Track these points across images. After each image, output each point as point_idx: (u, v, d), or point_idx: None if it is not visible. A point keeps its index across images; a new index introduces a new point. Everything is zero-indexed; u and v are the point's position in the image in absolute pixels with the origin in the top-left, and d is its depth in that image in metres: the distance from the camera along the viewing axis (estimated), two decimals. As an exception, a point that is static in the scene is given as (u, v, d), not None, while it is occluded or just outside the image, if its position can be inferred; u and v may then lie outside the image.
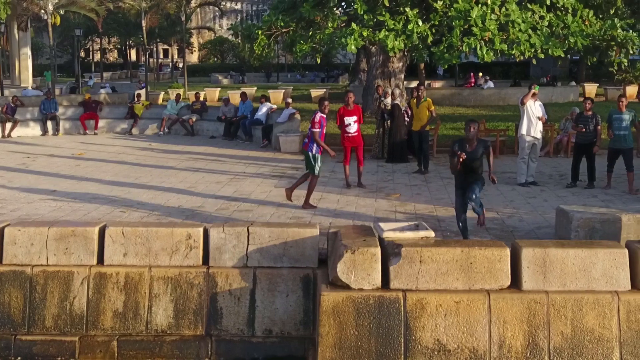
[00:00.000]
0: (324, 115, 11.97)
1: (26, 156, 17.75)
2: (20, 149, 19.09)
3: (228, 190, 13.26)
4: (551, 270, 7.90)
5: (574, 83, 33.80)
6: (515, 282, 7.96)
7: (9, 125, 21.61)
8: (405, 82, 25.85)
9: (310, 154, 11.77)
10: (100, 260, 8.80)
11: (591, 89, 34.02)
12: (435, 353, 7.73)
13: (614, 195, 12.63)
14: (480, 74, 37.06)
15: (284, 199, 12.41)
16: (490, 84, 31.71)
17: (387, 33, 15.33)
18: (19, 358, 8.52)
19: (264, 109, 20.69)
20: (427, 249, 7.99)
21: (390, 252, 8.06)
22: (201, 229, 8.88)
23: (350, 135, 13.58)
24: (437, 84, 36.83)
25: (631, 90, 31.56)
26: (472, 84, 34.84)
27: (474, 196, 9.72)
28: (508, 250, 8.01)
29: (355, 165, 13.78)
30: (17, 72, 37.51)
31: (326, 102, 12.13)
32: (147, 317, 8.62)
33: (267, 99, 21.95)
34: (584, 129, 13.42)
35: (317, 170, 11.86)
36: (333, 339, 7.73)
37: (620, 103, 13.21)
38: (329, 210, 11.69)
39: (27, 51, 37.75)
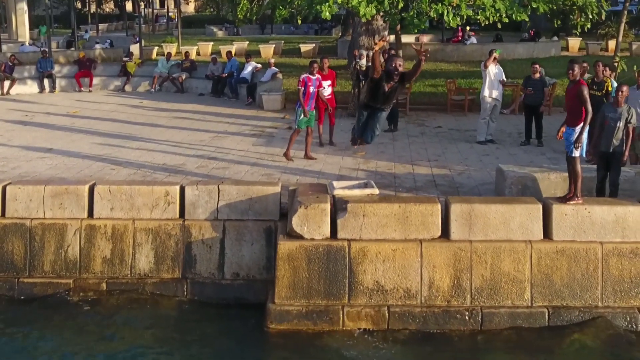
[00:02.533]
0: (310, 76, 13.28)
1: (24, 114, 18.91)
2: (19, 107, 20.23)
3: (209, 148, 14.50)
4: (475, 223, 9.22)
5: (556, 38, 34.56)
6: (445, 232, 9.29)
7: (7, 83, 22.70)
8: (390, 38, 26.75)
9: (296, 108, 13.31)
10: (90, 214, 10.13)
11: (574, 43, 34.79)
12: (375, 293, 9.12)
13: (561, 153, 13.86)
14: (468, 28, 37.70)
15: (259, 157, 13.73)
16: (473, 39, 32.52)
17: (359, 0, 16.34)
18: (22, 297, 9.94)
19: (249, 68, 21.77)
20: (370, 204, 9.31)
21: (338, 207, 9.38)
22: (178, 187, 10.19)
23: (325, 97, 14.78)
24: (425, 39, 37.52)
25: (613, 44, 32.36)
26: (459, 39, 35.58)
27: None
28: (439, 206, 9.33)
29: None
30: (14, 27, 38.26)
31: (315, 65, 13.54)
32: (132, 262, 10.00)
33: (253, 56, 22.95)
34: (532, 91, 14.60)
35: (297, 124, 13.30)
36: (288, 281, 9.11)
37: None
38: (298, 168, 12.96)
39: (23, 6, 38.38)
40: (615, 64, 18.73)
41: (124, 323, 9.53)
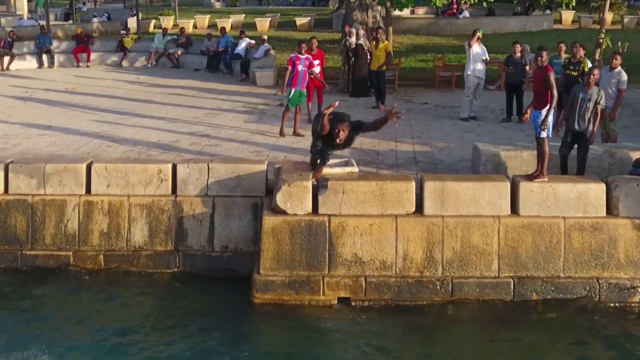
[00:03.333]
0: (299, 55, 13.87)
1: (24, 91, 19.46)
2: (19, 83, 20.76)
3: (202, 126, 15.10)
4: (447, 199, 9.88)
5: (549, 11, 34.85)
6: (419, 208, 9.95)
7: (7, 59, 23.19)
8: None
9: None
10: (88, 190, 10.80)
11: (567, 16, 35.11)
12: (353, 264, 9.81)
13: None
14: (463, 1, 37.92)
15: (250, 134, 14.35)
16: (466, 13, 32.86)
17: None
18: (25, 268, 10.65)
19: (243, 44, 22.25)
20: (349, 182, 9.96)
21: (319, 184, 10.03)
22: (170, 165, 10.84)
23: (313, 76, 15.32)
24: (420, 11, 37.81)
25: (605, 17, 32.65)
26: (453, 12, 35.87)
27: None
28: (413, 183, 9.98)
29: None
30: (13, 0, 38.57)
31: (303, 45, 14.19)
32: (127, 236, 10.69)
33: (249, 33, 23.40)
34: (513, 70, 15.15)
35: (286, 102, 14.02)
36: (272, 253, 9.80)
37: (559, 49, 14.87)
38: (287, 145, 13.57)
39: (21, -22, 38.64)
40: (601, 40, 19.26)
41: (121, 293, 10.25)
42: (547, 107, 9.90)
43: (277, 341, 9.30)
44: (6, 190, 10.84)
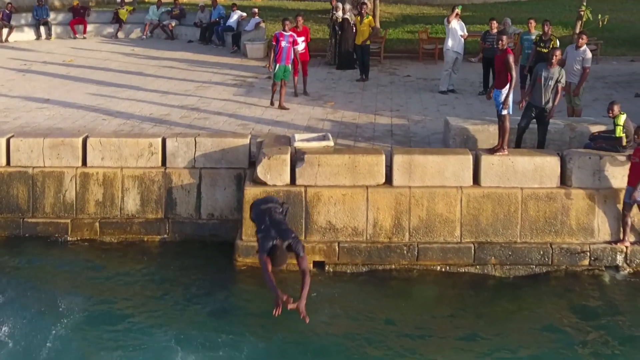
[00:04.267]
0: (283, 32, 14.64)
1: (23, 63, 20.15)
2: (17, 55, 21.42)
3: (192, 99, 15.86)
4: (415, 172, 10.72)
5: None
6: (389, 180, 10.80)
7: (5, 31, 23.82)
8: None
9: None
10: (84, 163, 11.64)
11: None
12: (327, 231, 10.70)
13: (513, 103, 15.22)
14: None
15: (238, 107, 15.14)
16: (457, -18, 33.26)
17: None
18: (27, 235, 11.55)
19: (234, 17, 22.88)
20: (324, 155, 10.80)
21: (297, 157, 10.88)
22: (160, 139, 11.67)
23: (298, 52, 16.04)
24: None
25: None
26: (445, -20, 36.22)
27: None
28: (383, 157, 10.81)
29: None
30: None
31: (287, 22, 14.89)
32: (121, 205, 11.57)
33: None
34: (490, 45, 15.87)
35: (273, 76, 14.81)
36: (253, 221, 10.66)
37: (529, 25, 15.57)
38: (271, 118, 14.36)
39: (17, -53, 38.95)
40: (582, 13, 19.89)
41: (115, 257, 11.20)
42: (507, 86, 10.68)
43: (257, 302, 10.22)
44: (8, 163, 11.69)
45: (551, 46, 14.17)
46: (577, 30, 19.60)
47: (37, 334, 9.05)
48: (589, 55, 13.38)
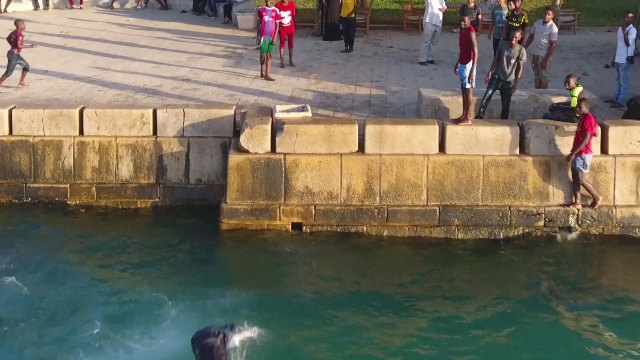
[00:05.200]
0: (266, 7, 15.43)
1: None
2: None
3: (184, 70, 16.69)
4: (385, 140, 11.64)
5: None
6: (361, 148, 11.73)
7: (4, 1, 24.49)
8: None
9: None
10: (81, 132, 12.57)
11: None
12: (304, 194, 11.67)
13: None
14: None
15: (227, 78, 15.98)
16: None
17: None
18: (29, 199, 12.54)
19: (226, -13, 23.54)
20: (302, 125, 11.72)
21: (277, 127, 11.80)
22: (151, 110, 12.58)
23: (284, 25, 16.82)
24: None
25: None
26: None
27: None
28: (357, 127, 11.73)
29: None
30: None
31: None
32: (115, 171, 12.53)
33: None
34: (466, 20, 16.63)
35: (261, 49, 15.64)
36: (237, 186, 11.65)
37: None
38: (258, 89, 15.21)
39: None
40: (560, -16, 20.59)
41: (111, 219, 12.22)
42: (471, 62, 11.56)
43: (240, 259, 11.28)
44: (10, 132, 12.62)
45: (522, 21, 14.97)
46: (558, 3, 20.35)
47: (39, 289, 10.07)
48: (555, 30, 14.19)
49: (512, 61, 12.13)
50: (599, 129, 11.38)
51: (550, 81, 14.54)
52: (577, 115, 11.38)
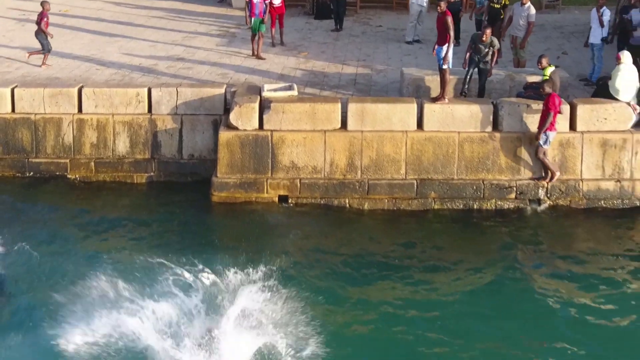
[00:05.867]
0: None
1: (21, 13, 21.47)
2: (15, 5, 22.59)
3: (178, 49, 17.33)
4: (366, 118, 12.35)
5: None
6: (344, 125, 12.44)
7: (3, -20, 25.02)
8: None
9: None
10: (80, 110, 13.29)
11: None
12: (290, 169, 12.41)
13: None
14: None
15: (219, 57, 16.63)
16: None
17: None
18: (31, 173, 13.30)
19: (221, -34, 24.04)
20: (288, 104, 12.42)
21: (264, 105, 12.51)
22: (146, 89, 13.29)
23: (275, 6, 17.42)
24: None
25: None
26: None
27: None
28: (339, 105, 12.44)
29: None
30: None
31: None
32: (112, 147, 13.27)
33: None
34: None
35: (252, 28, 16.29)
36: (227, 160, 12.39)
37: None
38: (249, 67, 15.88)
39: None
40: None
41: (108, 192, 12.99)
42: (447, 45, 12.22)
43: (230, 229, 12.05)
44: (13, 110, 13.33)
45: (503, 2, 15.59)
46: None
47: (43, 254, 10.85)
48: (533, 11, 14.81)
49: (486, 50, 12.76)
50: (566, 107, 12.08)
51: (529, 60, 15.16)
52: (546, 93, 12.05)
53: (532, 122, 12.18)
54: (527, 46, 15.08)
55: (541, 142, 11.82)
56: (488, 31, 12.84)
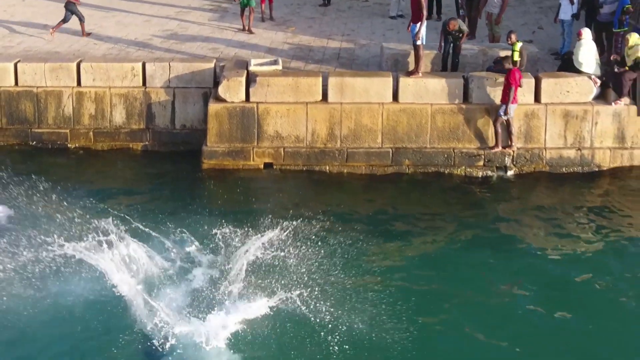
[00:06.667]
0: None
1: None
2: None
3: (172, 24, 18.14)
4: (345, 91, 13.26)
5: None
6: (325, 97, 13.37)
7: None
8: None
9: None
10: (79, 83, 14.20)
11: None
12: (275, 138, 13.36)
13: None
14: None
15: (211, 32, 17.46)
16: None
17: None
18: (34, 142, 14.28)
19: (214, -58, 24.73)
20: (273, 78, 13.33)
21: (251, 79, 13.42)
22: (140, 64, 14.19)
23: (264, -19, 18.24)
24: None
25: None
26: None
27: None
28: (320, 79, 13.34)
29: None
30: None
31: None
32: (110, 117, 14.20)
33: None
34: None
35: (241, 3, 17.13)
36: (215, 131, 13.33)
37: None
38: (239, 41, 16.73)
39: None
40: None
41: (107, 161, 13.98)
42: (420, 22, 13.09)
43: (219, 193, 13.01)
44: (16, 83, 14.26)
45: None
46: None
47: (45, 215, 11.81)
48: (507, -12, 15.63)
49: (456, 34, 13.62)
50: (528, 80, 12.96)
51: (503, 35, 15.99)
52: (518, 67, 12.93)
53: (499, 94, 13.08)
54: (503, 21, 15.90)
55: (501, 112, 12.75)
56: (453, 22, 13.63)
